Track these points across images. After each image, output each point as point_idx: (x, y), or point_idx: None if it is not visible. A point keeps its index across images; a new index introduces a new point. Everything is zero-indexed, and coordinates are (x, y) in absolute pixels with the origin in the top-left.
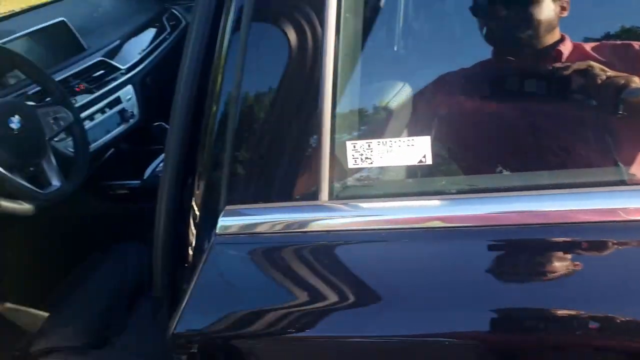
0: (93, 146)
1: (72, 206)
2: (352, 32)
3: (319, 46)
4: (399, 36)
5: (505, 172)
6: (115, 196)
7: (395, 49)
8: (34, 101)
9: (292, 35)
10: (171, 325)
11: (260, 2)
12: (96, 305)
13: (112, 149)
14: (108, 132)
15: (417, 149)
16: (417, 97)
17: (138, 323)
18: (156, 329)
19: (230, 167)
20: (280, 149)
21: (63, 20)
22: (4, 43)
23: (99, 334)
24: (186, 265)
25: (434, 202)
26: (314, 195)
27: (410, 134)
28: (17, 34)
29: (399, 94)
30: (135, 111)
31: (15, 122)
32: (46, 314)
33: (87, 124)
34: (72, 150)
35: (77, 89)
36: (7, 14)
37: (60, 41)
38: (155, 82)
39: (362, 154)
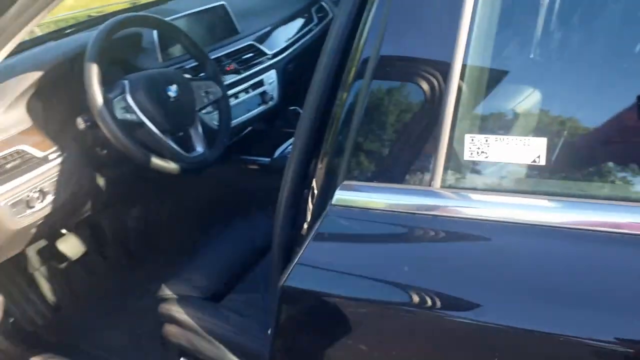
0: (234, 122)
1: (209, 174)
2: (485, 32)
3: (451, 45)
4: (536, 44)
5: (621, 182)
6: (246, 170)
7: (532, 56)
8: (190, 74)
9: (425, 33)
10: (282, 279)
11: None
12: (222, 263)
13: (250, 127)
14: (248, 111)
15: (533, 149)
16: (545, 104)
17: (256, 283)
18: (269, 289)
19: (352, 149)
20: (400, 137)
21: (223, 4)
22: (171, 20)
23: (219, 289)
24: (301, 233)
25: (542, 202)
26: (427, 181)
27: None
28: (182, 13)
29: (526, 99)
30: (275, 94)
31: (173, 91)
32: (180, 265)
33: (232, 102)
34: (216, 123)
35: (227, 69)
36: None
37: (218, 23)
38: (296, 69)
39: (479, 148)
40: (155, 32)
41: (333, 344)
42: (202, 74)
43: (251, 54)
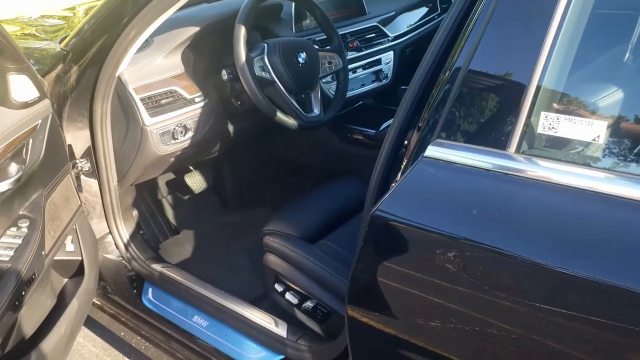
0: (349, 94)
1: (318, 139)
2: (574, 31)
3: (537, 49)
4: (633, 49)
5: None
6: (352, 139)
7: (625, 60)
8: (318, 45)
9: (524, 25)
10: (373, 209)
11: None
12: (320, 214)
13: (362, 102)
14: (363, 85)
15: (594, 129)
16: (624, 104)
17: (346, 235)
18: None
19: (446, 117)
20: (487, 110)
21: None
22: None
23: (314, 234)
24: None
25: (596, 173)
26: (504, 145)
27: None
28: None
29: (608, 96)
30: (389, 74)
31: (302, 57)
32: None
33: (350, 75)
34: (332, 92)
35: (350, 45)
36: None
37: (349, 3)
38: (413, 53)
39: (550, 124)
40: (293, 5)
41: (408, 271)
42: (328, 47)
43: (373, 34)
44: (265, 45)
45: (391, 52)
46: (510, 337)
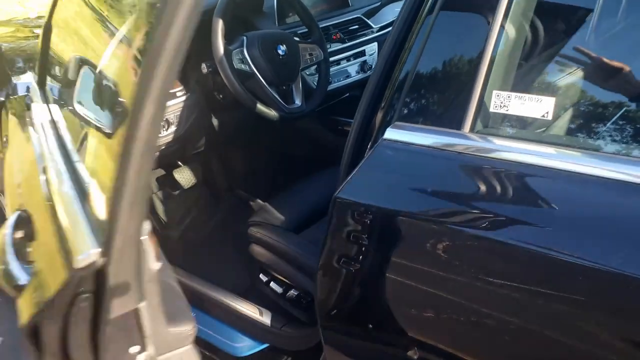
0: (334, 86)
1: (305, 130)
2: (523, 12)
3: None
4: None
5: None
6: (339, 130)
7: (587, 39)
8: (299, 38)
9: (473, 8)
10: (336, 193)
11: None
12: (304, 205)
13: (348, 94)
14: (347, 77)
15: (543, 106)
16: (553, 77)
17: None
18: None
19: (403, 102)
20: (442, 92)
21: None
22: None
23: (298, 224)
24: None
25: (549, 150)
26: (458, 126)
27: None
28: None
29: (559, 75)
30: (374, 65)
31: (282, 50)
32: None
33: (333, 67)
34: (314, 83)
35: (333, 37)
36: None
37: None
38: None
39: (502, 102)
40: None
41: (368, 253)
42: (309, 39)
43: (357, 26)
44: (245, 38)
45: (375, 44)
46: (468, 312)
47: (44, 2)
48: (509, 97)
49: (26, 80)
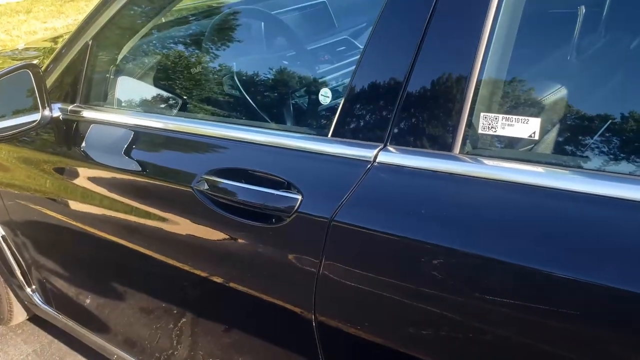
0: (323, 107)
1: None
2: (508, 33)
3: (473, 55)
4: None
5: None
6: None
7: (569, 58)
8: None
9: (460, 31)
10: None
11: None
12: None
13: None
14: (338, 97)
15: (530, 127)
16: (540, 97)
17: None
18: None
19: (393, 123)
20: (432, 114)
21: (324, 2)
22: (277, 14)
23: None
24: None
25: (537, 169)
26: (449, 147)
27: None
28: (287, 8)
29: (544, 94)
30: None
31: None
32: None
33: (323, 88)
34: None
35: (322, 59)
36: None
37: (318, 18)
38: None
39: (490, 124)
40: (262, 24)
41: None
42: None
43: (344, 47)
44: None
45: None
46: (460, 331)
47: (30, 30)
48: (496, 118)
49: None
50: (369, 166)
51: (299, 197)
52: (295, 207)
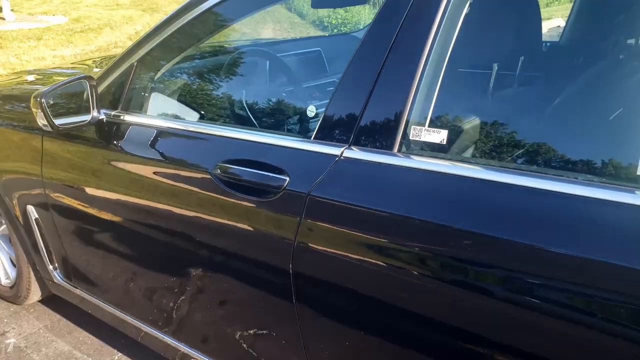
0: None
1: None
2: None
3: (408, 86)
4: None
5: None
6: None
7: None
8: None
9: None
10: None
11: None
12: None
13: None
14: None
15: (441, 136)
16: (451, 116)
17: None
18: None
19: (357, 128)
20: (379, 124)
21: (319, 50)
22: (281, 56)
23: None
24: None
25: (446, 162)
26: (391, 148)
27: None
28: (289, 52)
29: (469, 122)
30: None
31: None
32: None
33: (314, 119)
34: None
35: (313, 95)
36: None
37: (313, 62)
38: None
39: (417, 133)
40: (268, 62)
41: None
42: None
43: (333, 88)
44: None
45: None
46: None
47: (39, 56)
48: (421, 130)
49: None
50: (337, 159)
51: (287, 179)
52: (284, 186)
